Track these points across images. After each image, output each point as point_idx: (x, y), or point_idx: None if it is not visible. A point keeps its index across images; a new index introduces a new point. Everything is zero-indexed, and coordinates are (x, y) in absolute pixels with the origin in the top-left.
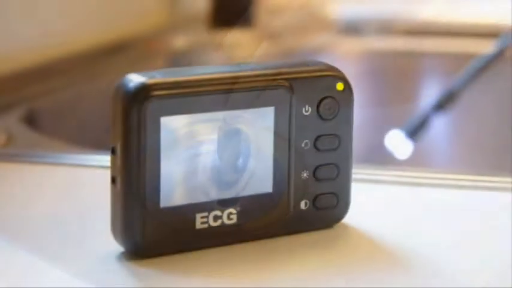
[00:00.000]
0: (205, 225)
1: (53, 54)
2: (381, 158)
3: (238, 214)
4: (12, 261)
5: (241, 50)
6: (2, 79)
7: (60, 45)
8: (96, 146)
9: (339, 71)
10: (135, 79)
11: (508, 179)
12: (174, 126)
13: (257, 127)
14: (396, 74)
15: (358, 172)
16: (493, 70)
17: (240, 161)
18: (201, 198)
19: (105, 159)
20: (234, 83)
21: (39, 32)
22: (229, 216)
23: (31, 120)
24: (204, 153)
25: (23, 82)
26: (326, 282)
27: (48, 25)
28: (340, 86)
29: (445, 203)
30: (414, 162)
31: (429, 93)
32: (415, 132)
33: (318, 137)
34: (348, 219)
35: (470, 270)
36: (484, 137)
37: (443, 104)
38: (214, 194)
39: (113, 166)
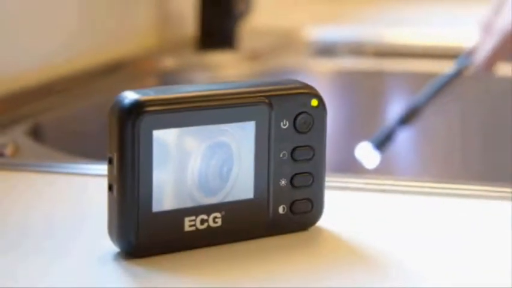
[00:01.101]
0: (193, 228)
1: (55, 74)
2: (351, 167)
3: (223, 218)
4: (16, 262)
5: (226, 69)
6: (9, 97)
7: (61, 66)
8: (94, 156)
9: (314, 89)
10: (129, 96)
11: (466, 186)
12: (165, 138)
13: (240, 139)
14: (365, 91)
15: (330, 180)
16: (451, 88)
17: (224, 170)
18: (189, 204)
19: (103, 168)
20: (219, 100)
21: (43, 54)
22: (215, 220)
23: (36, 134)
24: (191, 163)
25: (28, 99)
26: (302, 280)
27: (51, 48)
28: (314, 102)
29: (409, 208)
30: (381, 170)
31: (394, 109)
32: (381, 144)
33: (295, 148)
34: (322, 222)
35: (437, 270)
36: (443, 148)
37: (407, 118)
38: (201, 200)
39: (110, 175)
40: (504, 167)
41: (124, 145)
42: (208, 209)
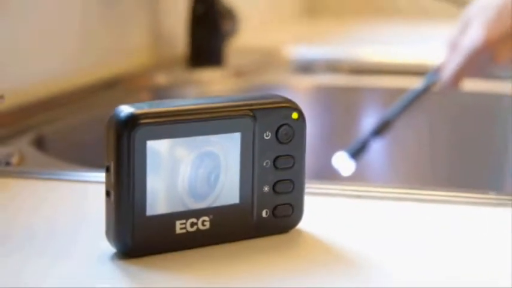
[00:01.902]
0: (184, 230)
1: (58, 89)
2: (329, 174)
3: (211, 221)
4: (21, 262)
5: (213, 85)
6: (15, 110)
7: (63, 82)
8: (93, 165)
9: (294, 103)
10: (125, 110)
11: (434, 192)
12: (158, 148)
13: (226, 149)
14: (341, 105)
15: (310, 186)
16: (420, 102)
17: (212, 177)
18: (180, 208)
19: (101, 176)
20: (207, 113)
21: (47, 71)
22: (203, 223)
23: (39, 144)
24: (182, 170)
25: (32, 112)
26: (282, 280)
27: (54, 65)
28: (295, 115)
29: (382, 212)
30: (356, 178)
31: (368, 121)
32: (356, 153)
33: (277, 157)
34: (301, 225)
35: (409, 270)
36: (413, 157)
37: (380, 130)
38: (191, 205)
39: (107, 182)
40: (469, 174)
41: (120, 154)
42: (197, 213)
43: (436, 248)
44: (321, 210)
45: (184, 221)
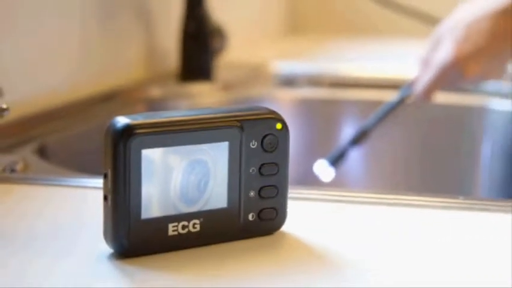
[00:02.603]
0: (176, 233)
1: (59, 101)
2: (311, 180)
3: (201, 224)
4: (25, 262)
5: (203, 98)
6: (19, 121)
7: (64, 95)
8: (92, 172)
9: (278, 114)
10: (121, 120)
11: (408, 197)
12: (152, 156)
13: (215, 157)
14: (322, 116)
15: (292, 192)
16: (395, 114)
17: (202, 183)
18: (172, 212)
19: (99, 182)
20: (197, 124)
21: (49, 85)
22: (194, 226)
23: (42, 153)
24: (174, 177)
25: (35, 123)
26: (267, 278)
27: (56, 80)
28: (279, 126)
29: (360, 215)
30: (336, 183)
31: (347, 131)
32: (336, 161)
33: (262, 164)
34: (285, 228)
35: (387, 269)
36: (388, 165)
37: (358, 139)
38: (183, 209)
39: (105, 187)
40: (440, 180)
41: (117, 162)
42: (188, 217)
43: (409, 248)
44: (303, 214)
45: (176, 224)
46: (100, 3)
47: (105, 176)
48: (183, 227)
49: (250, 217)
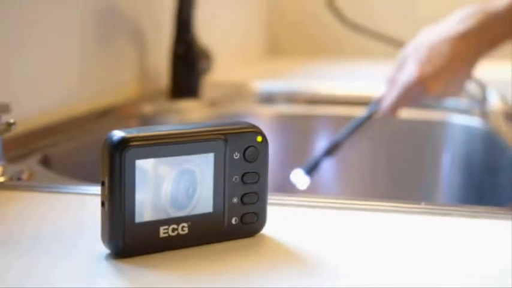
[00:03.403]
0: (166, 235)
1: (61, 117)
2: (288, 188)
3: (189, 227)
4: (30, 261)
5: (191, 113)
6: (25, 134)
7: (65, 111)
8: (91, 180)
9: (259, 128)
10: (117, 134)
11: (376, 203)
12: (145, 166)
13: (202, 167)
14: (298, 130)
15: (272, 198)
16: (364, 128)
17: (190, 190)
18: (163, 216)
19: (97, 189)
20: (186, 137)
21: (52, 102)
22: (183, 228)
23: (45, 163)
24: (165, 185)
25: (39, 136)
26: (247, 276)
27: (58, 97)
28: (259, 139)
29: (333, 219)
30: (310, 191)
31: (320, 143)
32: (311, 170)
33: (244, 173)
34: (265, 231)
35: (359, 269)
36: (358, 174)
37: (330, 151)
38: (172, 213)
39: (102, 194)
40: (404, 187)
41: (113, 171)
42: (178, 220)
43: (376, 249)
44: (281, 218)
45: (167, 227)
46: (98, 29)
47: (103, 184)
48: (173, 230)
49: (233, 221)
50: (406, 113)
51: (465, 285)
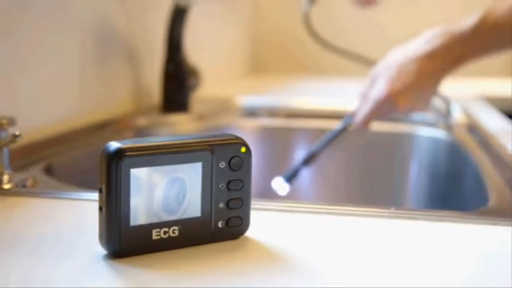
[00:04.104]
0: (158, 237)
1: (62, 129)
2: (270, 194)
3: (180, 230)
4: (34, 261)
5: (181, 126)
6: (29, 145)
7: (66, 124)
8: (90, 187)
9: (243, 140)
10: (114, 145)
11: (350, 208)
12: (139, 174)
13: (191, 175)
14: (278, 142)
15: (255, 203)
16: (339, 139)
17: (180, 196)
18: (155, 220)
19: (95, 195)
20: (176, 147)
21: (54, 116)
22: (173, 231)
23: (48, 171)
24: (157, 191)
25: (42, 147)
26: (231, 274)
27: (59, 111)
28: (243, 149)
29: (310, 223)
30: (290, 197)
31: (299, 153)
32: (290, 178)
33: (229, 181)
34: (248, 233)
35: (336, 269)
36: (333, 181)
37: (308, 160)
38: (164, 217)
39: (100, 200)
40: (375, 194)
41: (110, 179)
42: (169, 224)
43: (350, 251)
44: (263, 222)
45: (159, 230)
46: (96, 49)
47: (100, 191)
48: (165, 233)
49: (219, 224)
50: (377, 126)
51: (430, 285)
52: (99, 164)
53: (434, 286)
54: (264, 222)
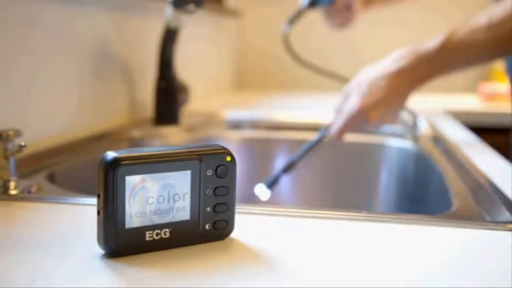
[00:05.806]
0: (151, 238)
1: (63, 140)
2: (252, 199)
3: (171, 232)
4: (38, 260)
5: (172, 138)
6: (34, 155)
7: (67, 135)
8: (89, 193)
9: (228, 150)
10: (111, 154)
11: (325, 211)
12: (133, 181)
13: (181, 182)
14: (261, 152)
15: (239, 208)
16: (316, 149)
17: (171, 201)
18: (148, 223)
19: (94, 200)
20: (167, 157)
21: (55, 127)
22: (165, 233)
23: (51, 178)
24: (150, 197)
25: (46, 156)
26: (218, 272)
27: (60, 123)
28: (228, 158)
29: (290, 225)
30: (271, 202)
31: (279, 162)
32: (271, 184)
33: (216, 187)
34: (233, 235)
35: (312, 268)
36: (310, 188)
37: (288, 168)
38: (156, 220)
39: (98, 204)
40: (348, 199)
41: (107, 185)
42: (161, 226)
43: (326, 251)
44: (247, 225)
45: (151, 232)
46: (95, 68)
47: (98, 196)
48: (157, 234)
49: (207, 227)
50: (351, 137)
51: (399, 282)
52: (97, 171)
53: (402, 283)
54: (247, 225)
